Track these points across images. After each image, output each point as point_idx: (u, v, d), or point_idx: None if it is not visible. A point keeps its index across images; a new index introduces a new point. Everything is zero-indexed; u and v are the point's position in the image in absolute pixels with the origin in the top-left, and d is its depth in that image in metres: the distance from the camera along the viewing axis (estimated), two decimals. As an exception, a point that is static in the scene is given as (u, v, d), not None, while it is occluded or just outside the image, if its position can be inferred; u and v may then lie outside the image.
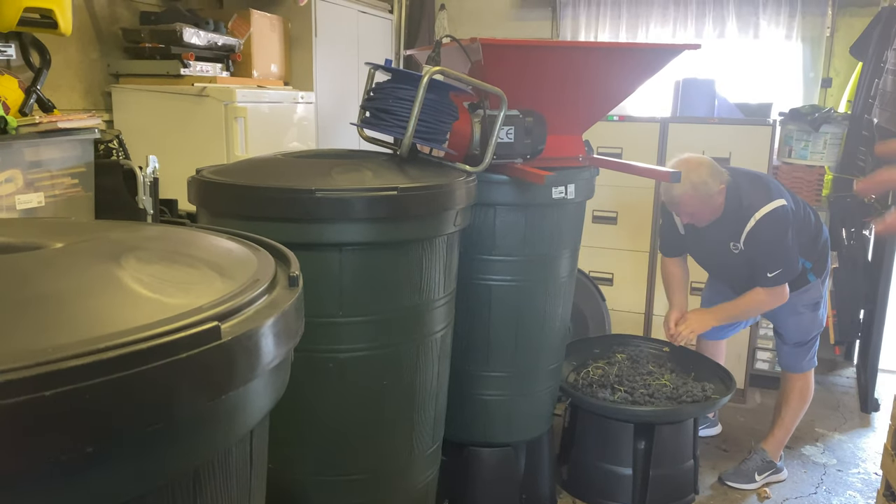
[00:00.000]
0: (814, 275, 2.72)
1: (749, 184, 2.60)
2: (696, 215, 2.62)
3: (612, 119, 3.63)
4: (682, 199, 2.58)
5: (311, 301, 1.58)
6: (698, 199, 2.55)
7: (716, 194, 2.55)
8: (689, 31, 4.29)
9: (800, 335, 2.82)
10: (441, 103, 1.98)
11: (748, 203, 2.55)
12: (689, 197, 2.55)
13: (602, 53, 2.37)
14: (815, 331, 2.83)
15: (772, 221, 2.52)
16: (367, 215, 1.65)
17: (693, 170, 2.53)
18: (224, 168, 1.92)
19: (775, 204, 2.54)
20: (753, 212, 2.54)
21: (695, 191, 2.53)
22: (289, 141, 3.43)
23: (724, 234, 2.61)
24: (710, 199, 2.55)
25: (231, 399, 0.72)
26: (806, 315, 2.77)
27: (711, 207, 2.58)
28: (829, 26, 4.04)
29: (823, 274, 2.75)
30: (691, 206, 2.58)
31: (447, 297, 1.92)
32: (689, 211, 2.61)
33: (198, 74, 3.12)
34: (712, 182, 2.54)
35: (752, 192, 2.56)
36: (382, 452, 1.84)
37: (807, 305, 2.76)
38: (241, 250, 0.95)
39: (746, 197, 2.56)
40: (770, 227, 2.52)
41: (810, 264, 2.71)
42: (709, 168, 2.56)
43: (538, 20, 4.65)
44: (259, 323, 0.73)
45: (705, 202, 2.56)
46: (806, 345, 2.84)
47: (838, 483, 2.96)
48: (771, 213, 2.53)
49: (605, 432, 2.72)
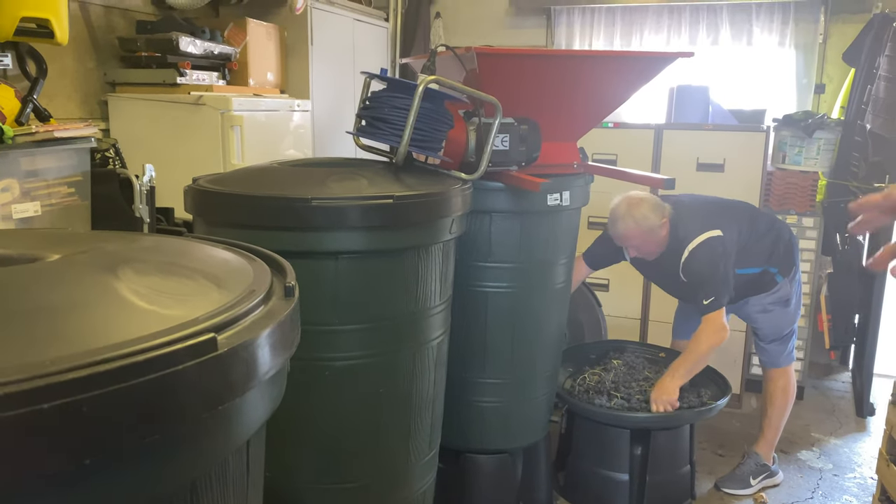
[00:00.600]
0: (781, 276, 2.80)
1: (690, 216, 2.71)
2: (641, 248, 2.73)
3: (606, 126, 3.65)
4: (626, 234, 2.69)
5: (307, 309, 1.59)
6: (641, 234, 2.66)
7: (657, 228, 2.65)
8: (682, 39, 4.31)
9: (774, 332, 2.88)
10: (436, 112, 1.99)
11: (683, 235, 2.67)
12: (633, 231, 2.67)
13: (596, 61, 2.38)
14: (789, 326, 2.89)
15: (701, 253, 2.63)
16: (363, 224, 1.66)
17: (634, 206, 2.66)
18: (220, 177, 1.92)
19: (707, 235, 2.64)
20: (687, 244, 2.65)
21: (637, 226, 2.65)
22: (285, 149, 3.44)
23: (671, 265, 2.72)
24: (652, 233, 2.66)
25: (228, 410, 0.73)
26: (776, 311, 2.84)
27: (655, 241, 2.69)
28: (822, 33, 4.06)
29: (791, 272, 2.81)
30: (636, 240, 2.70)
31: (443, 304, 1.92)
32: (634, 244, 2.73)
33: (194, 83, 3.13)
34: (653, 217, 2.64)
35: (688, 225, 2.68)
36: (379, 460, 1.84)
37: (776, 303, 2.82)
38: (238, 261, 0.96)
39: (682, 229, 2.67)
40: (700, 257, 2.63)
41: (776, 269, 2.79)
42: (650, 203, 2.67)
43: (533, 28, 4.67)
44: (255, 334, 0.74)
45: (648, 236, 2.67)
46: (782, 340, 2.90)
47: (834, 488, 2.97)
48: (701, 244, 2.63)
49: (602, 438, 2.72)
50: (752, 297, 2.82)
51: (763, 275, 2.78)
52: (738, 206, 2.87)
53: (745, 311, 2.90)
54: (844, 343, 4.03)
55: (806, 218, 3.62)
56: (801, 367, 3.68)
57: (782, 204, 3.64)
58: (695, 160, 3.59)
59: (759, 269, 2.77)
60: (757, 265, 2.77)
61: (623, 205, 2.68)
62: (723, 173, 3.54)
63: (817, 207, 3.66)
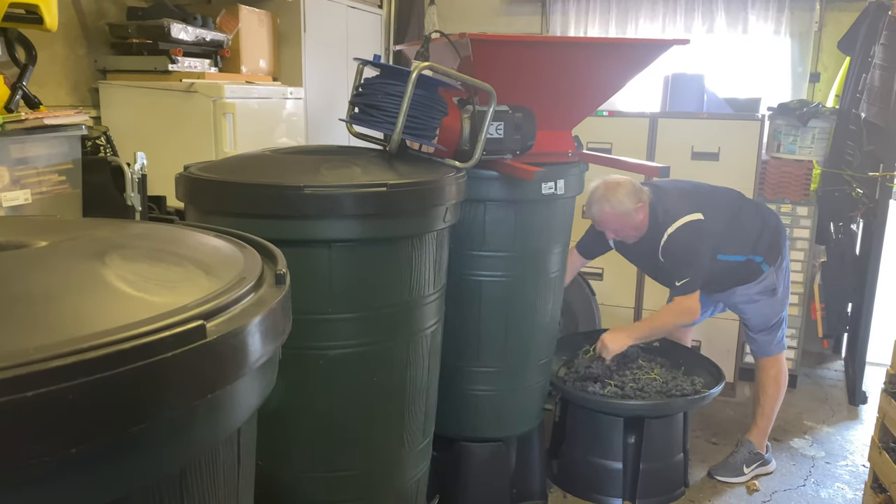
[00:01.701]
0: (767, 265, 2.80)
1: (671, 200, 2.71)
2: (619, 232, 2.74)
3: (601, 114, 3.63)
4: (601, 218, 2.70)
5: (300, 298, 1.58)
6: (617, 218, 2.66)
7: (633, 212, 2.65)
8: (678, 27, 4.30)
9: (762, 322, 2.89)
10: (430, 99, 1.97)
11: (663, 220, 2.67)
12: (609, 216, 2.67)
13: (591, 49, 2.37)
14: (777, 315, 2.89)
15: (682, 235, 2.64)
16: (357, 212, 1.65)
17: (611, 190, 2.66)
18: (212, 164, 1.91)
19: (689, 218, 2.65)
20: (667, 227, 2.65)
21: (612, 209, 2.65)
22: (278, 137, 3.42)
23: (650, 248, 2.72)
24: (628, 217, 2.65)
25: (217, 398, 0.72)
26: (763, 301, 2.84)
27: (633, 225, 2.68)
28: (818, 21, 4.05)
29: (777, 261, 2.82)
30: (613, 225, 2.70)
31: (437, 293, 1.91)
32: (612, 228, 2.73)
33: (186, 70, 3.10)
34: (628, 201, 2.64)
35: (669, 209, 2.68)
36: (373, 449, 1.84)
37: (762, 293, 2.83)
38: (228, 248, 0.94)
39: (662, 213, 2.68)
40: (680, 240, 2.64)
41: (761, 258, 2.78)
42: (626, 188, 2.66)
43: (528, 15, 4.64)
44: (245, 321, 0.73)
45: (625, 220, 2.67)
46: (770, 330, 2.90)
47: (826, 475, 2.98)
48: (681, 227, 2.64)
49: (596, 427, 2.73)
50: (739, 288, 2.82)
51: (748, 264, 2.77)
52: (721, 192, 2.86)
53: (732, 301, 2.90)
54: (837, 332, 4.04)
55: (800, 207, 3.62)
56: (794, 356, 3.69)
57: (777, 192, 3.64)
58: (689, 149, 3.58)
59: (743, 258, 2.76)
60: (741, 253, 2.76)
61: (600, 189, 2.69)
62: (718, 162, 3.54)
63: (812, 196, 3.66)
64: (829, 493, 2.85)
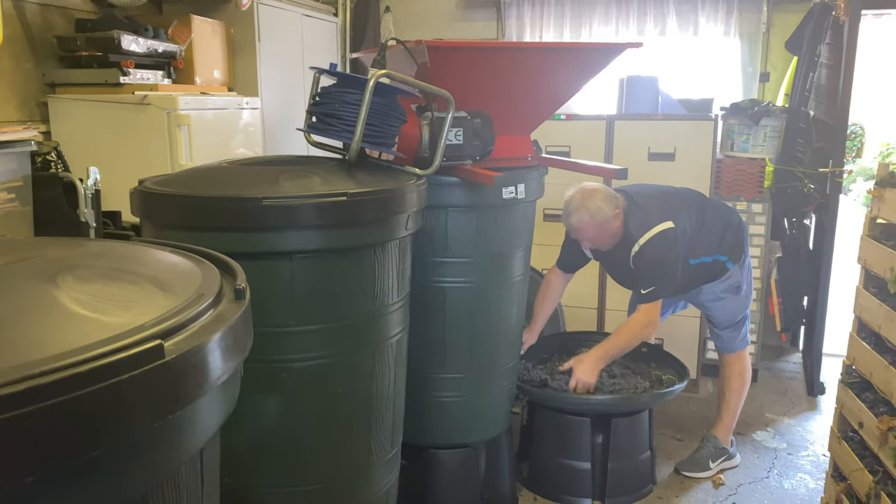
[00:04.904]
0: (731, 263, 2.85)
1: (644, 207, 2.71)
2: (596, 241, 2.72)
3: (559, 118, 3.67)
4: (580, 227, 2.68)
5: (262, 311, 1.56)
6: (595, 226, 2.65)
7: (611, 219, 2.65)
8: (631, 30, 4.36)
9: (728, 318, 2.94)
10: (388, 106, 1.97)
11: (634, 229, 2.67)
12: (587, 224, 2.66)
13: (546, 53, 2.39)
14: (742, 312, 2.95)
15: (653, 246, 2.65)
16: (317, 222, 1.63)
17: (588, 198, 2.65)
18: (168, 178, 1.87)
19: (661, 228, 2.66)
20: (639, 236, 2.66)
21: (591, 217, 2.64)
22: (235, 148, 3.38)
23: (623, 255, 2.73)
24: (607, 224, 2.65)
25: (179, 419, 0.70)
26: (729, 299, 2.89)
27: (610, 232, 2.68)
28: (765, 22, 4.15)
29: (741, 258, 2.87)
30: (591, 233, 2.68)
31: (401, 301, 1.91)
32: (589, 237, 2.71)
33: (138, 82, 3.05)
34: (606, 208, 2.64)
35: (641, 217, 2.68)
36: (340, 461, 1.82)
37: (727, 290, 2.88)
38: (186, 264, 0.93)
39: (634, 222, 2.68)
40: (651, 249, 2.65)
41: (725, 257, 2.84)
42: (603, 195, 2.66)
43: (484, 21, 4.67)
44: (205, 339, 0.71)
45: (603, 228, 2.66)
46: (735, 326, 2.96)
47: (789, 466, 3.05)
48: (654, 237, 2.65)
49: (563, 428, 2.75)
50: (705, 286, 2.87)
51: (714, 264, 2.83)
52: (687, 196, 2.91)
53: (699, 299, 2.95)
54: (795, 325, 4.14)
55: (755, 204, 3.70)
56: (754, 350, 3.77)
57: (731, 191, 3.71)
58: (646, 150, 3.63)
59: (710, 259, 2.82)
60: (708, 254, 2.81)
61: (577, 197, 2.67)
62: (674, 162, 3.60)
63: (766, 193, 3.75)
64: (792, 484, 2.91)
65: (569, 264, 2.99)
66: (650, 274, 2.66)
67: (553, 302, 3.06)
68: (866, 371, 2.17)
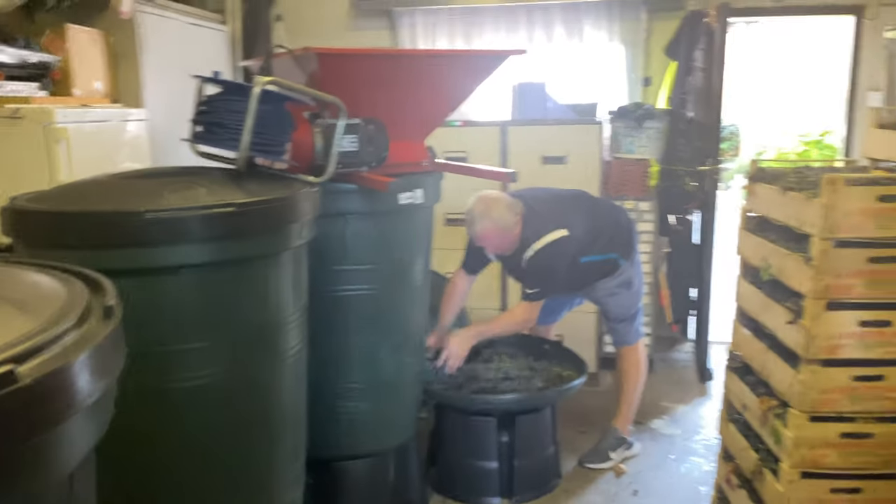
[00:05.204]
0: (622, 259, 2.98)
1: (539, 213, 2.80)
2: (500, 247, 2.81)
3: (454, 124, 3.71)
4: (484, 234, 2.76)
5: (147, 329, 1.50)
6: (498, 233, 2.74)
7: (513, 226, 2.74)
8: (520, 37, 4.46)
9: (622, 312, 3.07)
10: (276, 114, 1.94)
11: (530, 233, 2.76)
12: (491, 231, 2.74)
13: (432, 60, 2.43)
14: (634, 306, 3.09)
15: (545, 253, 2.75)
16: (204, 235, 1.58)
17: (491, 206, 2.73)
18: (43, 194, 1.77)
19: (555, 235, 2.75)
20: (534, 241, 2.75)
21: (494, 225, 2.73)
22: (121, 162, 3.22)
23: (518, 258, 2.82)
24: (509, 231, 2.75)
25: (40, 443, 0.66)
26: (622, 294, 3.02)
27: (511, 238, 2.77)
28: (645, 29, 4.34)
29: (631, 255, 3.01)
30: (495, 239, 2.77)
31: (299, 312, 1.87)
32: (493, 243, 2.80)
33: (10, 95, 2.86)
34: (509, 215, 2.73)
35: (536, 223, 2.77)
36: (240, 483, 1.76)
37: (620, 286, 3.01)
38: (49, 283, 0.88)
39: (531, 227, 2.77)
40: (543, 256, 2.75)
41: (616, 254, 2.97)
42: (505, 202, 2.76)
43: (377, 29, 4.66)
44: (66, 360, 0.67)
45: (505, 234, 2.75)
46: (629, 320, 3.09)
47: (685, 451, 3.20)
48: (547, 245, 2.74)
49: (469, 429, 2.78)
50: (599, 283, 2.98)
51: (606, 261, 2.95)
52: (578, 197, 3.01)
53: (594, 295, 3.06)
54: (684, 315, 4.35)
55: (642, 202, 3.87)
56: (649, 342, 3.93)
57: (620, 190, 3.86)
58: (539, 154, 3.73)
59: (602, 257, 2.93)
60: (600, 252, 2.92)
61: (480, 205, 2.74)
62: (566, 165, 3.71)
63: (651, 192, 3.92)
64: (688, 467, 3.06)
65: (473, 266, 3.05)
66: (539, 277, 2.76)
67: (458, 304, 3.10)
68: (747, 355, 2.31)
